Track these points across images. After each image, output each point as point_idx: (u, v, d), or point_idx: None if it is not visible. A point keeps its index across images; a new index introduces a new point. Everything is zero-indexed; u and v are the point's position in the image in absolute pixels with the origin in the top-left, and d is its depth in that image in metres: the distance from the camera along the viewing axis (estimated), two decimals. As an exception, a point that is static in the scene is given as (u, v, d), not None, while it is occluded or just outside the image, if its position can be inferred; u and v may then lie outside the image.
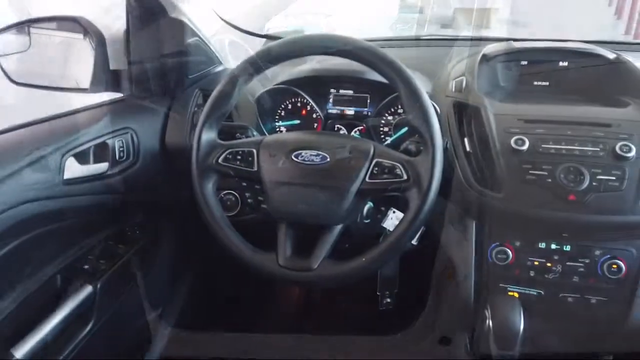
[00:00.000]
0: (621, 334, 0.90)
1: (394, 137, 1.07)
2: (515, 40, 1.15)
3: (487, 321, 0.83)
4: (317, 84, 1.11)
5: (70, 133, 0.87)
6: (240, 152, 0.84)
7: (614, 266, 0.86)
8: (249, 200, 0.94)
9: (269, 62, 0.84)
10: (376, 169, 0.79)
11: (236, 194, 1.03)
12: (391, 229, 0.88)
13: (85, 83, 0.95)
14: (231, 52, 1.29)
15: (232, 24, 1.33)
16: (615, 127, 0.86)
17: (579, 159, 0.84)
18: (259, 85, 1.10)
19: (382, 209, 0.92)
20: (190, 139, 1.04)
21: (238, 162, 0.84)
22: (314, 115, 1.12)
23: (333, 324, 1.58)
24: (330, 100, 1.12)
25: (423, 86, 1.02)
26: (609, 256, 0.87)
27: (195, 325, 1.25)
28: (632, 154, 0.82)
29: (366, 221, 0.92)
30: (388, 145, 1.06)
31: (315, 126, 1.13)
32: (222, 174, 0.85)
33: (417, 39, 1.45)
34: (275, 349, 1.24)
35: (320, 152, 0.82)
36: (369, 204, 0.92)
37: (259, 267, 0.81)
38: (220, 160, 0.84)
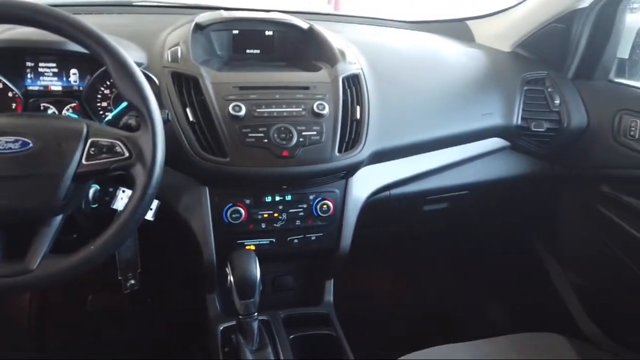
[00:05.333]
0: (335, 261, 1.10)
1: (115, 112, 1.00)
2: (225, 9, 1.20)
3: (229, 277, 0.89)
4: (6, 58, 0.94)
5: None
6: None
7: (325, 206, 1.03)
8: None
9: None
10: (93, 149, 0.73)
11: None
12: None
13: None
14: None
15: None
16: (312, 89, 1.00)
17: (287, 120, 0.95)
18: None
19: (111, 190, 0.86)
20: None
21: None
22: (10, 94, 0.95)
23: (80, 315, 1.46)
24: (28, 75, 0.97)
25: (136, 57, 0.99)
26: (320, 198, 1.03)
27: None
28: (326, 111, 0.97)
29: (94, 206, 0.86)
30: (109, 122, 0.99)
31: (14, 107, 0.96)
32: None
33: (129, 4, 1.36)
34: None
35: (19, 138, 0.71)
36: (95, 187, 0.85)
37: None
38: None
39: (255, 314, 0.89)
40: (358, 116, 1.01)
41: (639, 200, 1.13)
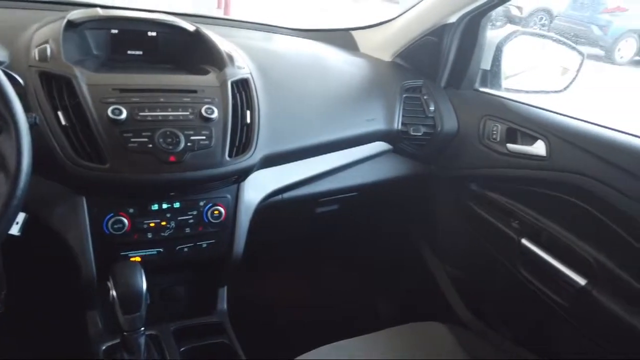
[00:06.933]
0: (228, 268, 1.08)
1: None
2: (102, 7, 1.13)
3: (112, 291, 0.83)
4: None
5: None
6: None
7: (216, 212, 1.01)
8: None
9: None
10: None
11: None
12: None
13: None
14: None
15: None
16: (200, 93, 0.97)
17: (173, 124, 0.92)
18: None
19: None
20: None
21: None
22: None
23: None
24: None
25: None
26: (211, 204, 1.01)
27: None
28: (215, 115, 0.95)
29: None
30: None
31: None
32: None
33: None
34: None
35: None
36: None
37: None
38: None
39: (142, 328, 0.85)
40: (248, 120, 1.00)
41: (502, 196, 1.27)
